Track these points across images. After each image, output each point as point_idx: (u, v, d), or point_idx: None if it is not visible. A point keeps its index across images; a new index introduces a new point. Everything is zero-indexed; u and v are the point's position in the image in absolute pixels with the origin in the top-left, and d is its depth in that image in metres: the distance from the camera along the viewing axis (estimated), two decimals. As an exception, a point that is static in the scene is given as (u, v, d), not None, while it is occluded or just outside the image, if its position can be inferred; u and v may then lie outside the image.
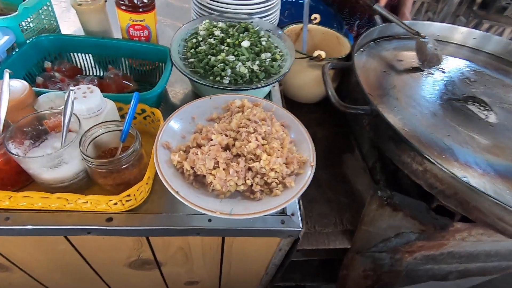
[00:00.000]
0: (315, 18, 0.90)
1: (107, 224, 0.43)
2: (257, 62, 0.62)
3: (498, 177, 0.57)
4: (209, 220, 0.45)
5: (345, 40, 0.86)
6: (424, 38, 0.85)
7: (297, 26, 0.89)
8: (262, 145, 0.42)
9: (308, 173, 0.43)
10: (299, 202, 0.52)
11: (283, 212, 0.48)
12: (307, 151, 0.46)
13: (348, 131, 0.85)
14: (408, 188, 0.60)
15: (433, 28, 0.89)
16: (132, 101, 0.42)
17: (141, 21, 0.62)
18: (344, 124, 0.87)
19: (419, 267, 0.74)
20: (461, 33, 0.88)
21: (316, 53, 0.73)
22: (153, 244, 0.50)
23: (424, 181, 0.54)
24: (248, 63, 0.61)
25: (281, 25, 0.88)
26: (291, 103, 0.88)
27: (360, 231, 0.60)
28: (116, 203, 0.42)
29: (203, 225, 0.45)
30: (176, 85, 0.71)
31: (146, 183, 0.44)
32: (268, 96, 0.69)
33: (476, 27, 2.73)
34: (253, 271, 0.65)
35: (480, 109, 0.74)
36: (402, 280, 0.79)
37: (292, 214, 0.48)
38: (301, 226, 0.47)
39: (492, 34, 0.87)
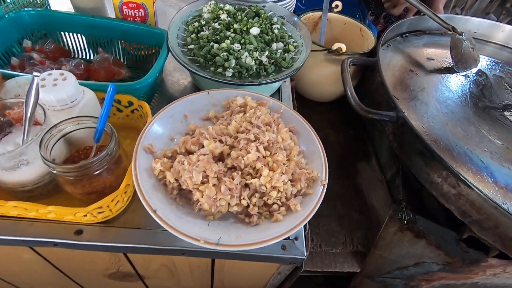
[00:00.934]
0: (337, 6, 0.79)
1: (76, 238, 0.37)
2: (267, 53, 0.53)
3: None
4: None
5: (370, 33, 0.76)
6: (461, 35, 0.74)
7: (316, 14, 0.80)
8: (264, 157, 0.34)
9: (318, 194, 0.35)
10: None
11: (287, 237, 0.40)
12: (319, 166, 0.38)
13: (365, 135, 0.76)
14: (435, 212, 0.51)
15: (471, 24, 0.78)
16: (107, 95, 0.34)
17: (136, -2, 0.54)
18: (360, 127, 0.78)
19: (435, 294, 0.66)
20: (503, 31, 0.77)
21: (335, 46, 0.64)
22: (132, 259, 0.43)
23: (456, 207, 0.45)
24: (256, 54, 0.52)
25: (298, 12, 0.79)
26: (302, 100, 0.79)
27: (373, 255, 0.52)
28: (85, 215, 0.35)
29: (188, 246, 0.38)
30: (175, 74, 0.63)
31: (124, 192, 0.37)
32: (278, 93, 0.61)
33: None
34: (248, 289, 0.58)
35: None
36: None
37: (296, 239, 0.40)
38: (305, 254, 0.39)
39: (541, 34, 0.75)
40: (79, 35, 0.59)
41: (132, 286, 0.56)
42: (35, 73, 0.34)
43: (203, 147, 0.34)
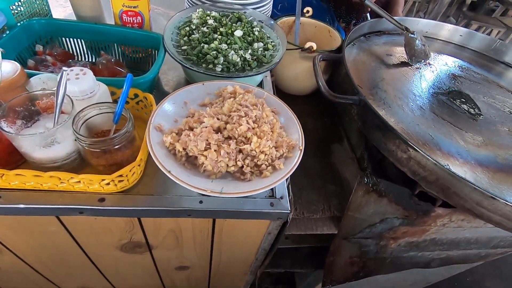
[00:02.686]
0: (308, 11, 0.91)
1: (99, 204, 0.44)
2: (250, 51, 0.63)
3: (478, 166, 0.60)
4: (200, 202, 0.46)
5: (337, 34, 0.88)
6: (413, 34, 0.87)
7: (290, 19, 0.91)
8: (253, 128, 0.43)
9: (297, 157, 0.44)
10: (288, 187, 0.54)
11: (272, 195, 0.50)
12: (297, 136, 0.48)
13: (338, 122, 0.87)
14: (394, 175, 0.62)
15: (421, 25, 0.92)
16: (125, 83, 0.43)
17: (134, 7, 0.63)
18: (334, 115, 0.89)
19: (402, 254, 0.77)
20: (447, 30, 0.91)
21: (307, 45, 0.75)
22: (145, 226, 0.51)
23: (408, 168, 0.56)
24: (241, 52, 0.62)
25: (274, 17, 0.89)
26: (283, 94, 0.89)
27: (347, 217, 0.63)
28: (108, 183, 0.43)
29: (194, 207, 0.46)
30: (169, 72, 0.71)
31: (139, 165, 0.45)
32: (260, 86, 0.71)
33: (465, 27, 2.79)
34: (242, 257, 0.66)
35: (464, 103, 0.77)
36: (387, 268, 0.82)
37: (281, 198, 0.49)
38: (289, 209, 0.48)
39: (476, 32, 0.90)
40: (82, 40, 0.67)
41: (139, 260, 0.63)
42: (64, 68, 0.41)
43: (203, 123, 0.43)
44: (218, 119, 0.44)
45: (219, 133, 0.43)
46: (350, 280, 0.79)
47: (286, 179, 0.54)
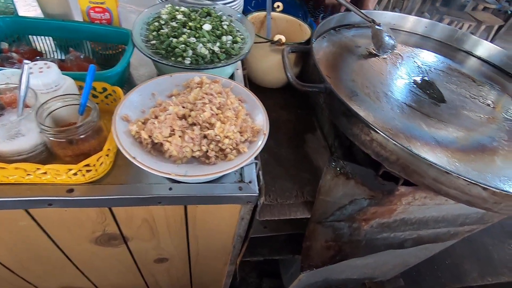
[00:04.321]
0: (278, 6, 0.93)
1: (68, 195, 0.45)
2: (218, 44, 0.65)
3: (438, 147, 0.64)
4: (170, 189, 0.48)
5: (306, 27, 0.91)
6: (379, 26, 0.91)
7: (261, 14, 0.93)
8: (217, 114, 0.45)
9: (261, 140, 0.46)
10: (258, 173, 0.56)
11: (241, 180, 0.52)
12: (262, 122, 0.50)
13: (311, 113, 0.90)
14: (361, 159, 0.65)
15: (386, 17, 0.96)
16: (88, 74, 0.44)
17: (102, 3, 0.63)
18: (307, 107, 0.92)
19: (376, 236, 0.81)
20: (411, 22, 0.95)
21: (276, 37, 0.77)
22: (117, 216, 0.52)
23: (371, 150, 0.59)
24: (209, 45, 0.64)
25: (247, 13, 0.91)
26: (257, 88, 0.92)
27: (318, 201, 0.65)
28: (76, 173, 0.43)
29: (164, 193, 0.47)
30: (140, 68, 0.72)
31: (107, 155, 0.46)
32: (231, 79, 0.72)
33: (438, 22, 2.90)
34: (220, 246, 0.68)
35: (429, 90, 0.80)
36: (363, 250, 0.85)
37: (250, 182, 0.51)
38: (257, 192, 0.50)
39: (439, 23, 0.95)
40: (50, 38, 0.66)
41: (116, 253, 0.64)
42: (25, 61, 0.42)
43: (168, 111, 0.45)
44: (183, 107, 0.46)
45: (184, 120, 0.45)
46: (327, 264, 0.82)
47: (256, 166, 0.56)
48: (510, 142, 0.69)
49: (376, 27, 0.90)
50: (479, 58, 0.94)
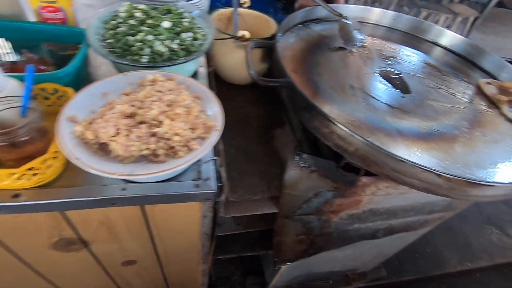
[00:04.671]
0: (245, 2, 0.93)
1: (13, 200, 0.43)
2: (177, 41, 0.64)
3: (399, 137, 0.65)
4: (123, 189, 0.47)
5: (273, 23, 0.91)
6: (346, 19, 0.91)
7: (228, 10, 0.92)
8: (166, 111, 0.44)
9: (213, 137, 0.46)
10: (219, 170, 0.56)
11: (199, 177, 0.51)
12: (217, 119, 0.49)
13: (280, 108, 0.90)
14: (326, 152, 0.66)
15: (352, 10, 0.96)
16: (26, 73, 0.42)
17: (53, 2, 0.61)
18: (277, 102, 0.92)
19: (347, 227, 0.82)
20: (376, 14, 0.96)
21: (240, 33, 0.77)
22: (72, 220, 0.50)
23: (332, 142, 0.59)
24: (167, 42, 0.63)
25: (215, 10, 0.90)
26: (226, 84, 0.91)
27: (284, 195, 0.65)
28: (20, 178, 0.42)
29: (117, 194, 0.46)
30: (102, 67, 0.70)
31: (54, 157, 0.44)
32: (194, 77, 0.72)
33: (416, 15, 2.95)
34: (188, 245, 0.67)
35: (395, 81, 0.81)
36: (336, 242, 0.86)
37: (207, 179, 0.51)
38: (215, 189, 0.50)
39: (403, 14, 0.96)
40: (2, 39, 0.64)
41: (81, 258, 0.62)
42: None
43: (114, 109, 0.44)
44: (132, 105, 0.45)
45: (131, 118, 0.44)
46: (300, 257, 0.83)
47: (215, 162, 0.55)
48: (471, 129, 0.71)
49: (343, 20, 0.91)
50: (443, 47, 0.96)
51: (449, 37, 0.94)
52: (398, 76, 0.83)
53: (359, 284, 1.44)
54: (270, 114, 0.87)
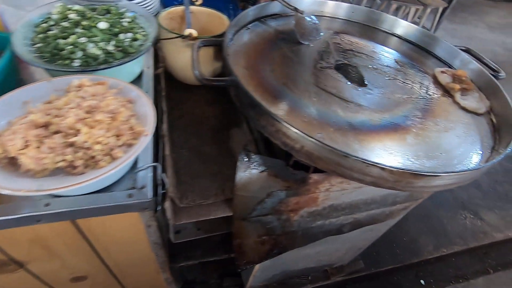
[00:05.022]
0: (197, 0, 0.90)
1: None
2: (113, 42, 0.61)
3: (351, 130, 0.64)
4: (47, 205, 0.43)
5: (227, 20, 0.88)
6: (302, 13, 0.90)
7: (180, 9, 0.89)
8: (84, 118, 0.41)
9: (141, 143, 0.43)
10: (161, 176, 0.53)
11: (134, 186, 0.48)
12: (148, 123, 0.46)
13: (237, 107, 0.88)
14: (278, 151, 0.64)
15: (307, 3, 0.95)
16: None
17: (-28, 6, 0.57)
18: (233, 101, 0.89)
19: (310, 224, 0.80)
20: (331, 6, 0.95)
21: (187, 32, 0.74)
22: (-4, 241, 0.47)
23: (279, 140, 0.58)
24: (102, 44, 0.59)
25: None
26: (181, 85, 0.88)
27: (236, 197, 0.63)
28: None
29: (41, 211, 0.43)
30: (35, 75, 0.66)
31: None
32: (139, 78, 0.68)
33: (387, 8, 2.98)
34: (140, 255, 0.64)
35: (350, 74, 0.81)
36: (301, 240, 0.85)
37: (143, 187, 0.48)
38: (150, 198, 0.47)
39: (358, 6, 0.95)
40: None
41: (20, 278, 0.58)
42: None
43: (24, 119, 0.40)
44: (48, 114, 0.42)
45: (45, 128, 0.41)
46: (265, 258, 0.81)
47: (155, 169, 0.53)
48: (423, 119, 0.71)
49: (299, 14, 0.90)
50: (399, 37, 0.96)
51: (403, 26, 0.94)
52: (354, 69, 0.83)
53: (337, 278, 1.45)
54: (227, 114, 0.85)
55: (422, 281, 1.55)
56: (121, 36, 0.63)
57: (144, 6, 0.81)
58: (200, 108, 0.83)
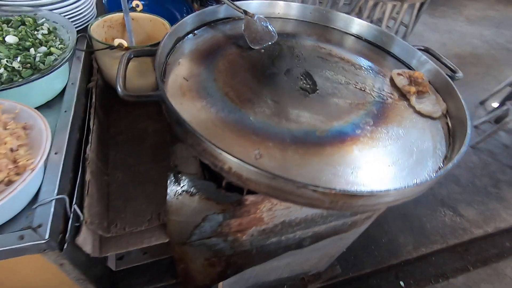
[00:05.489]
0: (137, 5, 0.84)
1: None
2: (19, 58, 0.54)
3: (292, 144, 0.59)
4: None
5: (169, 27, 0.82)
6: (252, 16, 0.85)
7: (119, 15, 0.83)
8: None
9: (23, 179, 0.37)
10: (72, 209, 0.47)
11: (29, 225, 0.42)
12: (40, 153, 0.40)
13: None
14: (204, 170, 0.59)
15: (256, 5, 0.90)
16: None
17: None
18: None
19: (264, 242, 0.75)
20: (281, 7, 0.91)
21: (116, 42, 0.67)
22: None
23: (208, 160, 0.52)
24: (4, 61, 0.53)
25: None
26: (121, 99, 0.81)
27: (170, 222, 0.58)
28: None
29: None
30: None
31: None
32: (60, 96, 0.62)
33: (364, 5, 2.94)
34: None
35: (301, 80, 0.76)
36: (259, 258, 0.80)
37: (39, 226, 0.42)
38: (47, 238, 0.41)
39: (307, 5, 0.91)
40: None
41: None
42: None
43: None
44: None
45: None
46: (219, 280, 0.76)
47: (64, 201, 0.47)
48: (374, 126, 0.67)
49: (249, 17, 0.85)
50: (357, 37, 0.92)
51: (358, 24, 0.90)
52: (306, 75, 0.78)
53: (315, 285, 1.41)
54: (169, 128, 0.79)
55: (401, 283, 1.52)
56: (32, 51, 0.56)
57: (76, 13, 0.74)
58: (142, 123, 0.78)
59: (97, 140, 0.64)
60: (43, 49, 0.57)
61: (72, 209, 0.48)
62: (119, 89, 0.58)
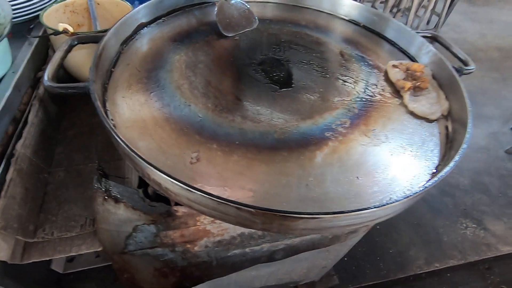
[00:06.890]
0: (103, -12, 0.78)
1: None
2: None
3: (242, 147, 0.50)
4: None
5: (135, 11, 0.75)
6: (229, 0, 0.76)
7: (83, 0, 0.77)
8: None
9: None
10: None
11: None
12: None
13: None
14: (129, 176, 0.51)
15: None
16: None
17: None
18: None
19: (226, 253, 0.67)
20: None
21: (61, 27, 0.62)
22: None
23: (131, 165, 0.45)
24: None
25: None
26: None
27: (100, 230, 0.51)
28: None
29: None
30: None
31: None
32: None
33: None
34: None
35: (274, 73, 0.65)
36: (222, 270, 0.72)
37: None
38: None
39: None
40: None
41: None
42: None
43: None
44: None
45: None
46: (174, 292, 0.69)
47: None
48: (350, 129, 0.55)
49: (223, 1, 0.75)
50: (351, 21, 0.79)
51: (347, 5, 0.77)
52: (282, 66, 0.67)
53: (308, 295, 1.31)
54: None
55: (408, 300, 1.37)
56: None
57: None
58: (96, 117, 0.72)
59: (39, 134, 0.59)
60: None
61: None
62: (45, 78, 0.52)
